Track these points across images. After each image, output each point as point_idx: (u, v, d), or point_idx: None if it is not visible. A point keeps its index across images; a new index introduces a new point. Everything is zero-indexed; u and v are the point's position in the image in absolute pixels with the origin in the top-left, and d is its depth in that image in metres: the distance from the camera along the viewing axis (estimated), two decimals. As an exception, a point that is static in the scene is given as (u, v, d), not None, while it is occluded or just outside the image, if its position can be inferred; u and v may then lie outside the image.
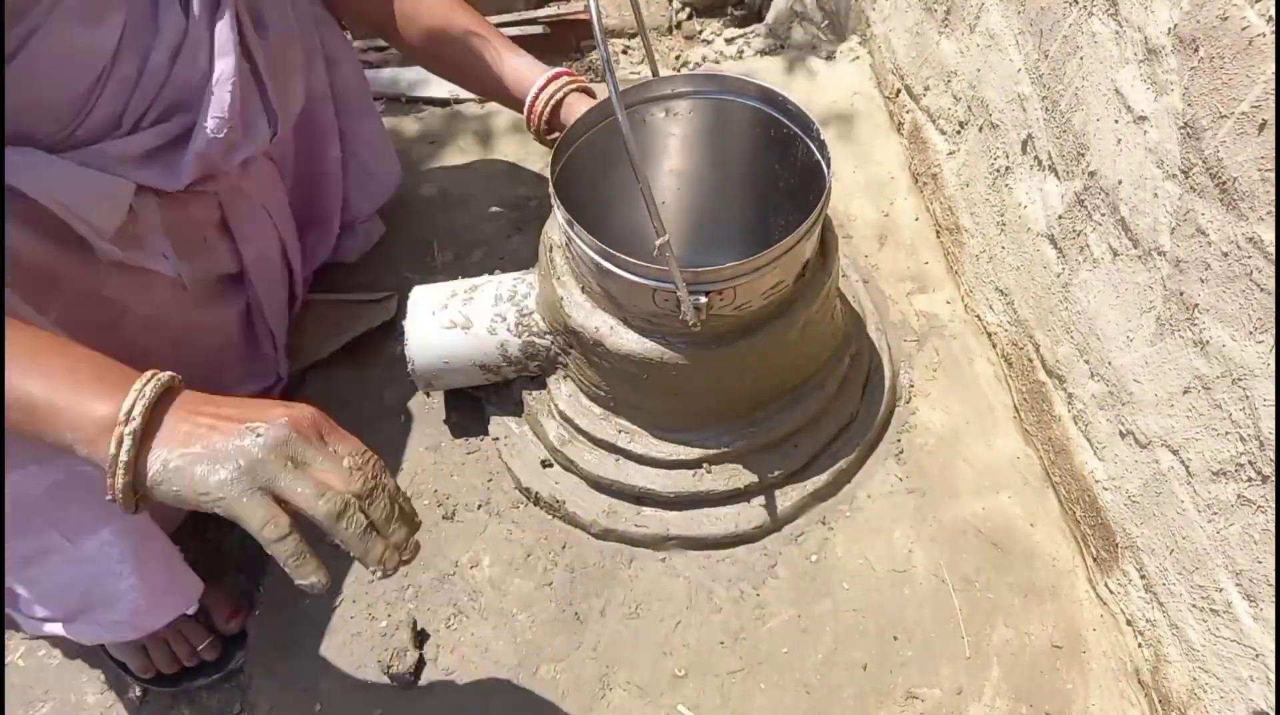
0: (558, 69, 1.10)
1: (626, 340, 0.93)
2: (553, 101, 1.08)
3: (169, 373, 0.62)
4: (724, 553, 1.04)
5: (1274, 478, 0.71)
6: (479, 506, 1.08)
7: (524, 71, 1.10)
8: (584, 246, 0.89)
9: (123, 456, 0.57)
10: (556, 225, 0.96)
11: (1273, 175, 0.66)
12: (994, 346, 1.21)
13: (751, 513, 1.04)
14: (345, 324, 1.21)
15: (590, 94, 1.11)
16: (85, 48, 0.75)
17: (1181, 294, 0.80)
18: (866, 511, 1.07)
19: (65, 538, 0.80)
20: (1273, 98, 0.65)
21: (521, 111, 1.11)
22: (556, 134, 1.07)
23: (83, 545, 0.81)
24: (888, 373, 1.15)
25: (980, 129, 1.15)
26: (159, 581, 0.90)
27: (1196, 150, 0.75)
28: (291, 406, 0.63)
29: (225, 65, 0.83)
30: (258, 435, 0.59)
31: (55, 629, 0.89)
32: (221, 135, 0.84)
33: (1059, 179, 0.98)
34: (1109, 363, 0.93)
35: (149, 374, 0.61)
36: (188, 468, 0.58)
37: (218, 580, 1.12)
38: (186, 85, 0.84)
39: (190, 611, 1.02)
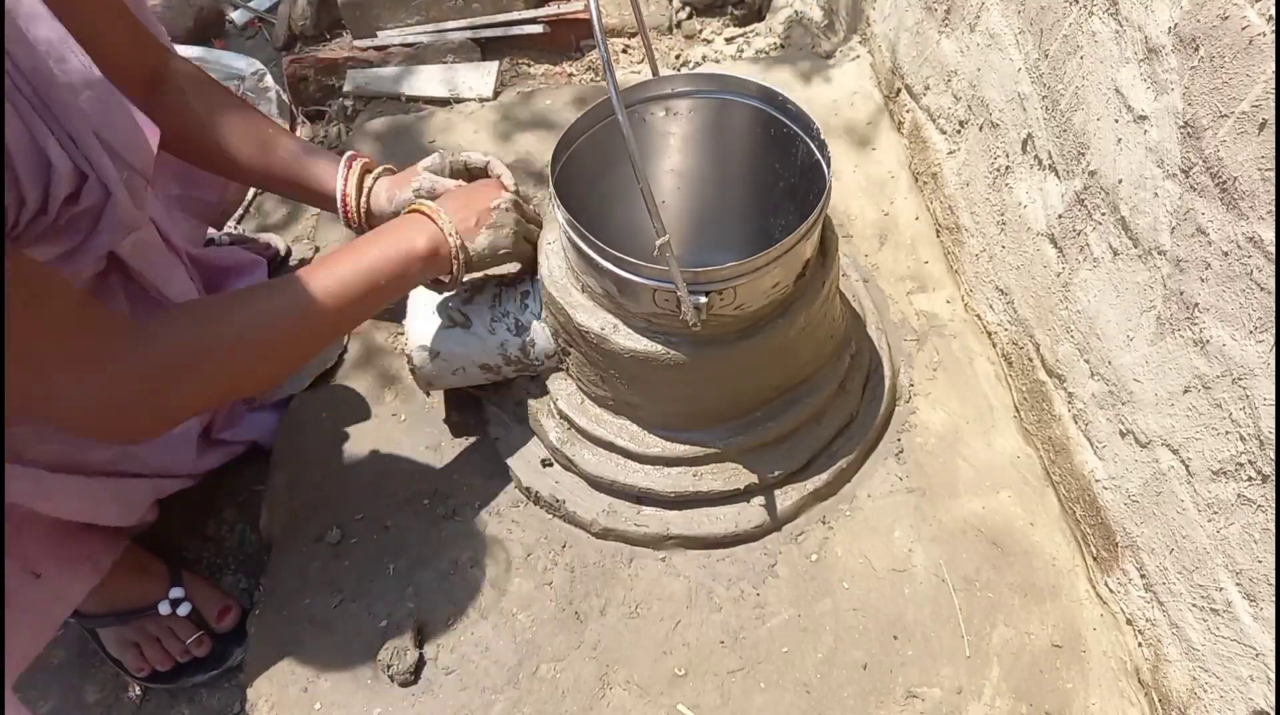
0: (347, 154, 1.04)
1: (627, 339, 0.93)
2: (365, 193, 1.03)
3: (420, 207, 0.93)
4: (724, 552, 1.04)
5: (1274, 477, 0.71)
6: (479, 506, 1.08)
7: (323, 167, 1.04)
8: (584, 246, 0.89)
9: (457, 253, 0.92)
10: (557, 224, 0.96)
11: (1273, 175, 0.66)
12: (994, 346, 1.21)
13: (751, 512, 1.04)
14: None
15: (392, 170, 1.06)
16: None
17: (1181, 293, 0.80)
18: (866, 511, 1.07)
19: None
20: (1273, 97, 0.65)
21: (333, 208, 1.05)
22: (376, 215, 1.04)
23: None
24: (888, 372, 1.15)
25: (980, 128, 1.15)
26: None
27: (1197, 149, 0.75)
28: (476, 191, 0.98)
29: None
30: (504, 208, 0.96)
31: None
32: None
33: (1059, 178, 0.98)
34: (1109, 362, 0.93)
35: (411, 213, 0.93)
36: (488, 240, 0.94)
37: (215, 577, 1.12)
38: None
39: (182, 613, 1.02)
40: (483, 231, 0.94)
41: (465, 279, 0.99)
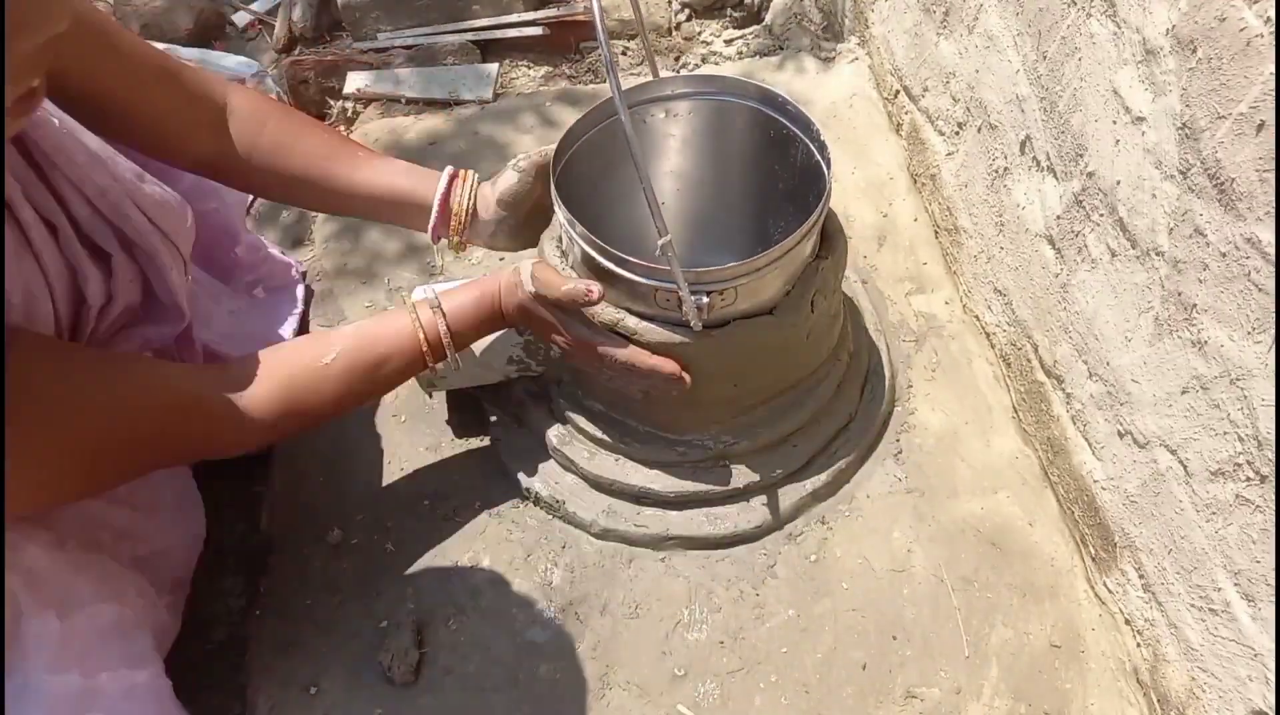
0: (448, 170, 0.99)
1: (635, 326, 0.92)
2: (471, 193, 0.97)
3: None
4: (723, 553, 1.04)
5: (1272, 477, 0.71)
6: (479, 506, 1.08)
7: (415, 175, 0.99)
8: (585, 247, 0.89)
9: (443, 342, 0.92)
10: (558, 224, 0.96)
11: (1271, 176, 0.67)
12: (992, 347, 1.21)
13: (751, 513, 1.04)
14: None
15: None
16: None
17: (1180, 294, 0.80)
18: (865, 511, 1.07)
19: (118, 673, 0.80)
20: (1271, 98, 0.65)
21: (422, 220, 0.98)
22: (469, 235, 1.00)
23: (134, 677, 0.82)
24: (887, 373, 1.15)
25: (979, 130, 1.16)
26: None
27: (1194, 151, 0.75)
28: None
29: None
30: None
31: None
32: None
33: (1057, 179, 0.99)
34: (1107, 363, 0.93)
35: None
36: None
37: (216, 577, 1.11)
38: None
39: None
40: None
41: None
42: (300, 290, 1.26)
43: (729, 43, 1.75)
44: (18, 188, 0.72)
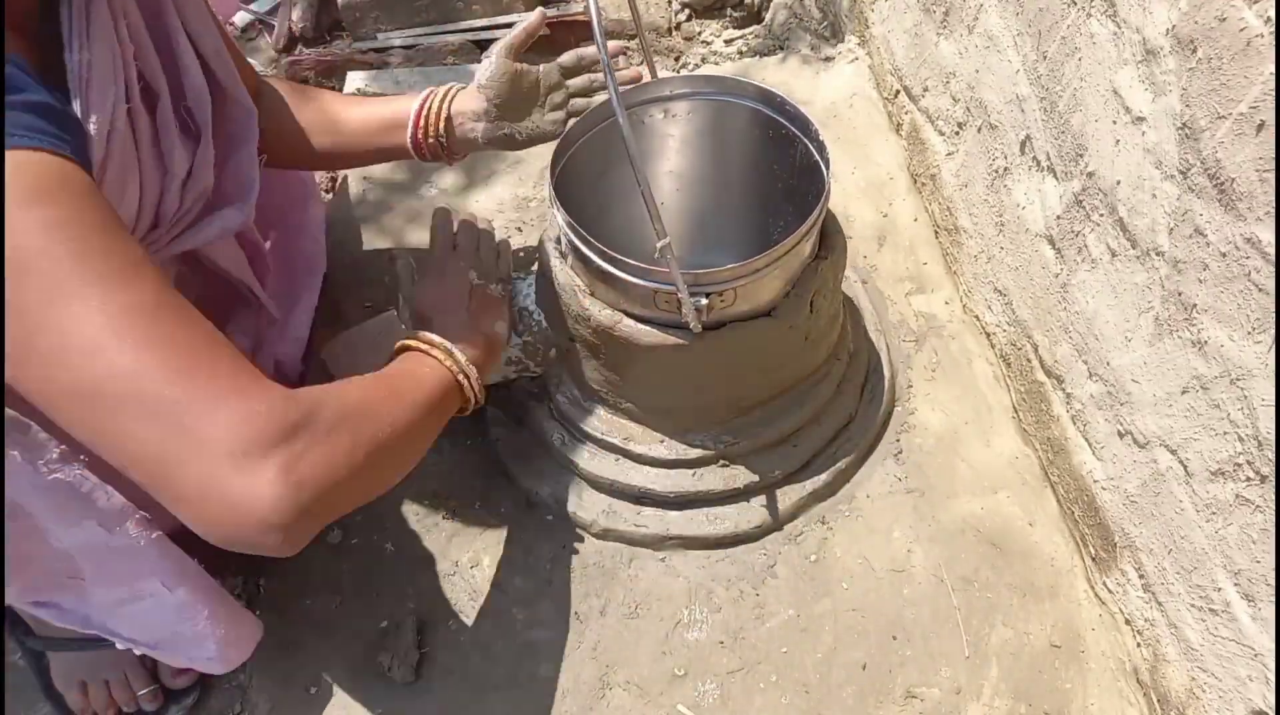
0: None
1: (632, 329, 0.92)
2: (446, 99, 1.02)
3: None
4: (723, 552, 1.04)
5: (1272, 477, 0.71)
6: (479, 506, 1.09)
7: (399, 101, 1.05)
8: (585, 249, 0.89)
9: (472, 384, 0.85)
10: (557, 225, 0.96)
11: (1271, 176, 0.67)
12: (992, 347, 1.21)
13: (751, 513, 1.04)
14: (382, 342, 1.18)
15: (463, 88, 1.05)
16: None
17: (1180, 294, 0.80)
18: (865, 511, 1.07)
19: (164, 585, 0.81)
20: (1271, 98, 0.65)
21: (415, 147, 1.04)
22: (453, 147, 1.04)
23: (176, 592, 0.82)
24: (886, 373, 1.15)
25: (979, 130, 1.16)
26: (236, 620, 0.90)
27: (1195, 151, 0.75)
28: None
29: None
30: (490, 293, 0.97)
31: (142, 650, 0.89)
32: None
33: (1057, 179, 0.99)
34: (1107, 363, 0.93)
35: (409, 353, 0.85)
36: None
37: (216, 578, 1.11)
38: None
39: (138, 651, 0.96)
40: (486, 318, 0.94)
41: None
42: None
43: (729, 43, 1.75)
44: (131, 49, 0.72)
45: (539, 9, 1.03)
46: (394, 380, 0.78)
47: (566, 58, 1.07)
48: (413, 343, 0.84)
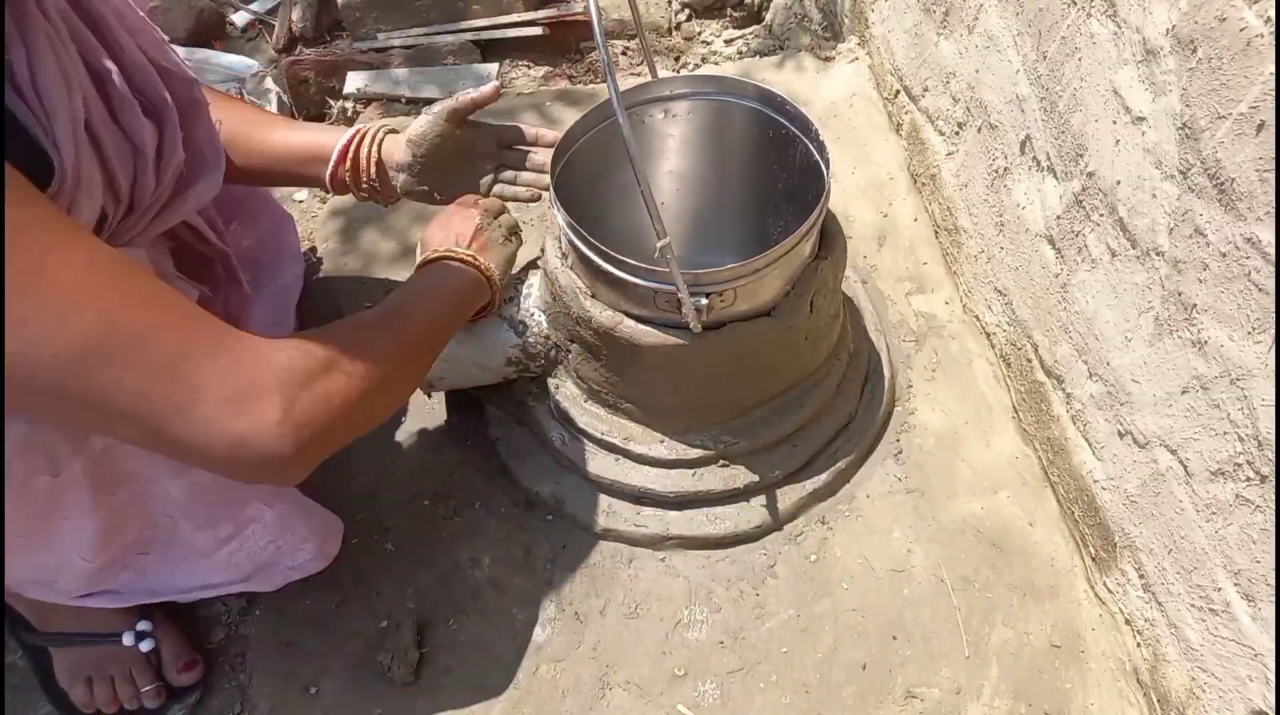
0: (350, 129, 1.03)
1: (633, 330, 0.93)
2: (375, 142, 1.01)
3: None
4: (723, 552, 1.04)
5: (1272, 477, 0.71)
6: (479, 506, 1.09)
7: (326, 132, 1.03)
8: (585, 249, 0.89)
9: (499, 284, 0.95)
10: (557, 225, 0.96)
11: (1271, 176, 0.67)
12: (992, 347, 1.21)
13: (751, 513, 1.04)
14: None
15: (395, 131, 1.05)
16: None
17: (1180, 294, 0.80)
18: (865, 511, 1.07)
19: (264, 504, 0.88)
20: (1271, 98, 0.65)
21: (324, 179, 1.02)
22: (376, 185, 1.03)
23: (275, 506, 0.89)
24: (886, 373, 1.15)
25: (979, 130, 1.16)
26: (322, 516, 0.98)
27: (1195, 151, 0.75)
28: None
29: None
30: (490, 226, 0.97)
31: (222, 591, 0.94)
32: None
33: (1057, 179, 0.99)
34: (1107, 363, 0.93)
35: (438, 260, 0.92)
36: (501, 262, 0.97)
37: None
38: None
39: (145, 649, 0.98)
40: (490, 255, 0.96)
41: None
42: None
43: (729, 43, 1.75)
44: (65, 29, 0.70)
45: (493, 83, 1.01)
46: (408, 298, 0.87)
47: (507, 132, 1.06)
48: (430, 255, 0.92)
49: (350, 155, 1.01)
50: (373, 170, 1.01)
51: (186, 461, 0.66)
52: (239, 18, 1.87)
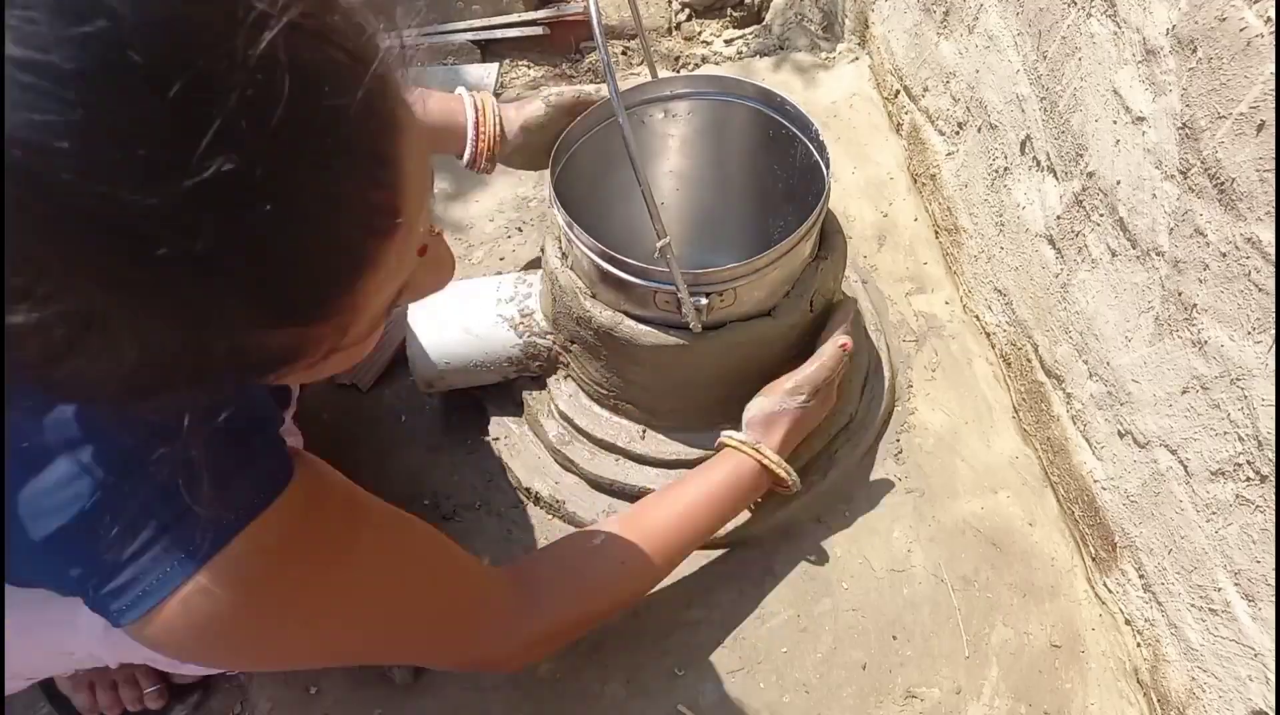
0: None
1: (633, 330, 0.93)
2: (497, 119, 1.04)
3: None
4: (723, 552, 1.04)
5: (1273, 477, 0.71)
6: (479, 506, 1.08)
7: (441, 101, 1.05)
8: (585, 249, 0.89)
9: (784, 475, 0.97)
10: (557, 225, 0.96)
11: (1271, 176, 0.67)
12: (993, 347, 1.21)
13: (750, 512, 1.04)
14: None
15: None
16: None
17: (1180, 294, 0.80)
18: (865, 511, 1.07)
19: None
20: (1271, 98, 0.65)
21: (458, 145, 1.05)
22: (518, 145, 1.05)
23: None
24: (886, 373, 1.15)
25: (979, 130, 1.16)
26: None
27: (1195, 151, 0.75)
28: None
29: None
30: None
31: None
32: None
33: (1057, 179, 0.99)
34: (1107, 363, 0.93)
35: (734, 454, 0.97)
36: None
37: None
38: None
39: None
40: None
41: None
42: None
43: (729, 43, 1.75)
44: None
45: (596, 85, 1.04)
46: (703, 521, 0.94)
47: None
48: (763, 461, 0.95)
49: (481, 130, 1.04)
50: (495, 147, 1.04)
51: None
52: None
